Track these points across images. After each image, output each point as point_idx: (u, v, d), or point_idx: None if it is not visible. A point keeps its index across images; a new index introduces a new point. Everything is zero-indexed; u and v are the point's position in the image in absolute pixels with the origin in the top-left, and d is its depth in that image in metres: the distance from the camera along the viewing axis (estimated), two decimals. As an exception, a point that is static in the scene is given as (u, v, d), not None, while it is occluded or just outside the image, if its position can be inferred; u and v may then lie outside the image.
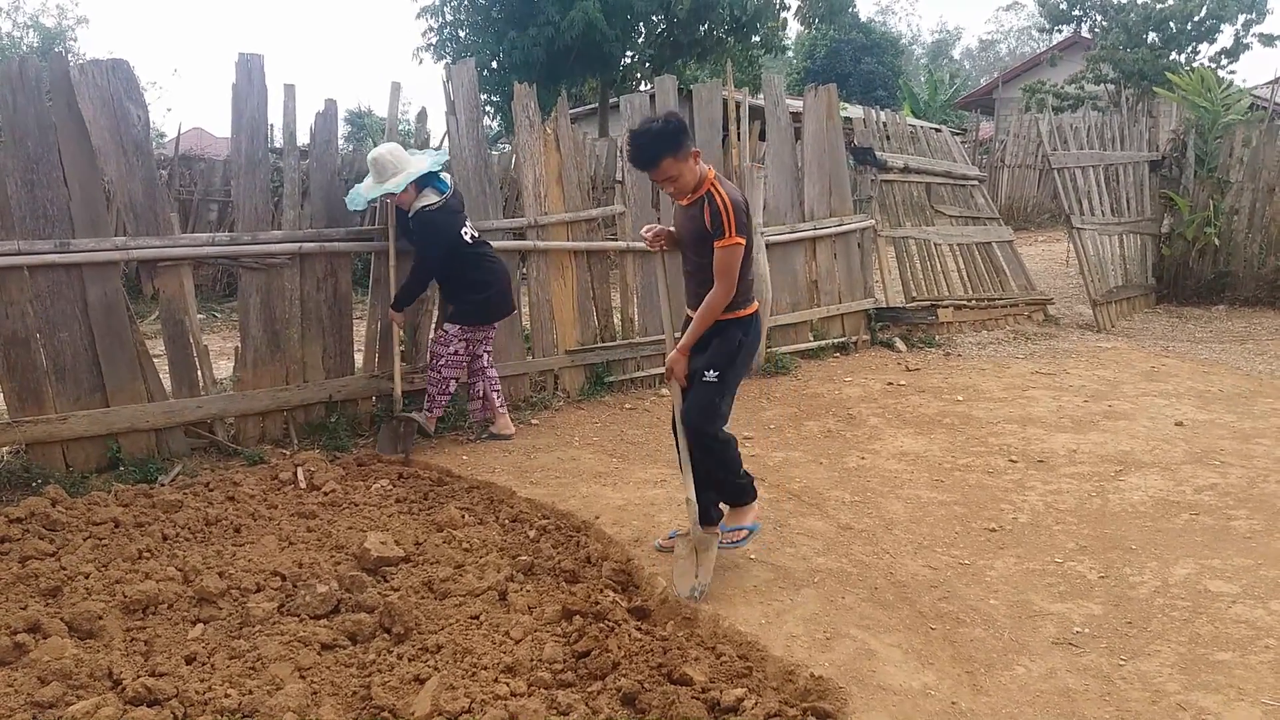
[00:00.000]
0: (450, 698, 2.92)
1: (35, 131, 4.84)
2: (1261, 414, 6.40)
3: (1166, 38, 21.72)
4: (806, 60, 36.42)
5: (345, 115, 38.84)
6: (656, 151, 3.61)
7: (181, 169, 13.58)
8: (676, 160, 3.62)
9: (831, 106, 8.24)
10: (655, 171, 3.67)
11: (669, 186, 3.74)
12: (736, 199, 3.68)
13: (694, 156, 3.67)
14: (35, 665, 3.04)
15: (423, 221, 5.44)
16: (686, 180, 3.69)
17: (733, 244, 3.63)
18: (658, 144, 3.61)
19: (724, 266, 3.68)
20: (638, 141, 3.66)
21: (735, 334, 3.82)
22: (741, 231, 3.64)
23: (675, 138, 3.60)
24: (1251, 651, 3.35)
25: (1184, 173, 10.90)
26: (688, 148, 3.64)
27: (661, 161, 3.61)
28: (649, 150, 3.63)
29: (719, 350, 3.81)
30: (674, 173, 3.64)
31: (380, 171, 5.41)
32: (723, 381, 3.81)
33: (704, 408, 3.83)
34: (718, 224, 3.63)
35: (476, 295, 5.64)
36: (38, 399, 4.95)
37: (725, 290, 3.71)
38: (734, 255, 3.66)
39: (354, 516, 4.54)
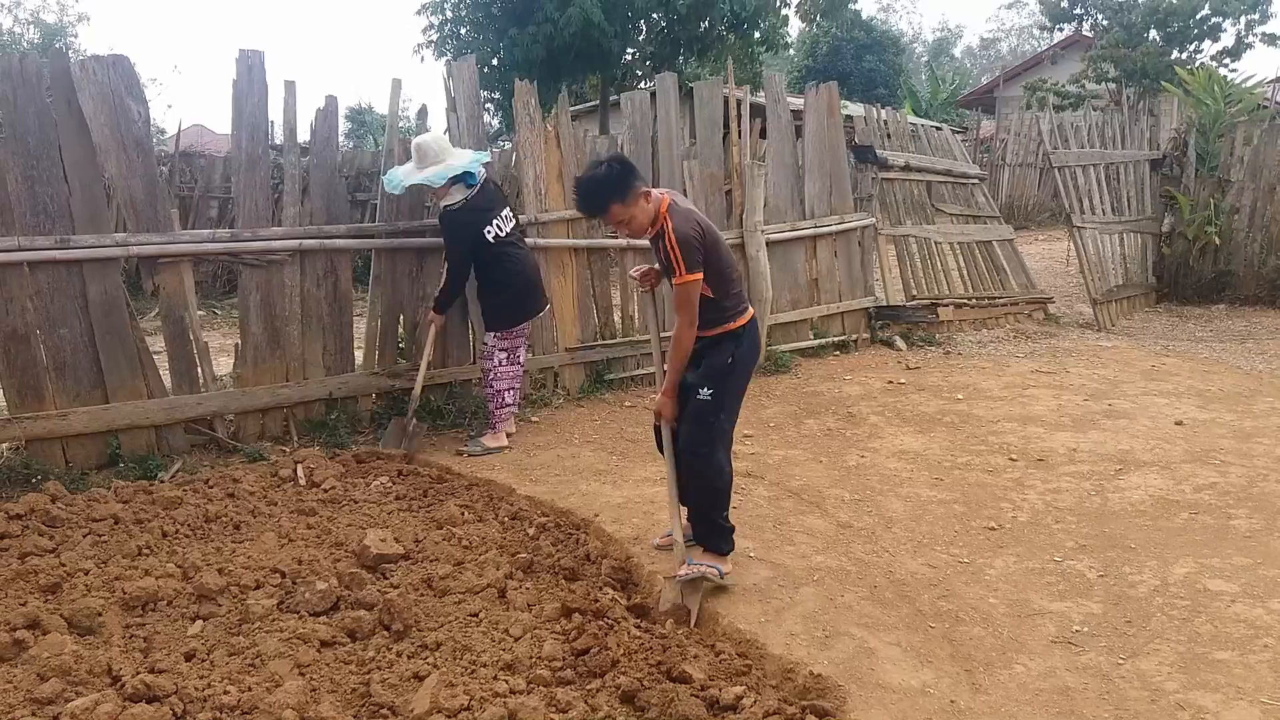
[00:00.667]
0: (449, 695, 2.92)
1: (36, 128, 4.84)
2: (1262, 413, 6.40)
3: (1168, 36, 21.70)
4: (808, 58, 36.36)
5: (346, 112, 38.83)
6: (603, 199, 3.62)
7: (182, 165, 13.60)
8: (625, 206, 3.61)
9: (832, 104, 8.24)
10: (605, 217, 3.69)
11: (623, 230, 3.74)
12: (685, 233, 3.60)
13: (643, 196, 3.64)
14: (34, 662, 3.04)
15: (445, 221, 5.45)
16: (640, 221, 3.67)
17: (684, 282, 3.60)
18: (603, 192, 3.61)
19: (679, 302, 3.67)
20: (583, 190, 3.67)
21: (727, 348, 3.77)
22: (694, 266, 3.59)
23: (620, 182, 3.59)
24: (1251, 650, 3.35)
25: (1185, 172, 10.89)
26: (635, 189, 3.61)
27: (610, 208, 3.62)
28: (595, 199, 3.64)
29: (710, 366, 3.77)
30: (624, 217, 3.64)
31: (422, 158, 5.36)
32: (717, 399, 3.73)
33: (699, 427, 3.75)
34: (668, 262, 3.63)
35: (495, 297, 5.59)
36: (38, 395, 4.95)
37: (686, 324, 3.67)
38: (688, 291, 3.62)
39: (353, 514, 4.54)
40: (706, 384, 3.74)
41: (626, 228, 3.70)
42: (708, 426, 3.76)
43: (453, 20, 21.34)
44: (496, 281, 5.56)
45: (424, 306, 6.06)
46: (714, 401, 3.73)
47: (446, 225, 5.44)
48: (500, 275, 5.54)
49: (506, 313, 5.62)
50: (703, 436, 3.76)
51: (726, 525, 3.87)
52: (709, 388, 3.73)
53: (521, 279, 5.63)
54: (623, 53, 21.21)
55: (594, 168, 3.70)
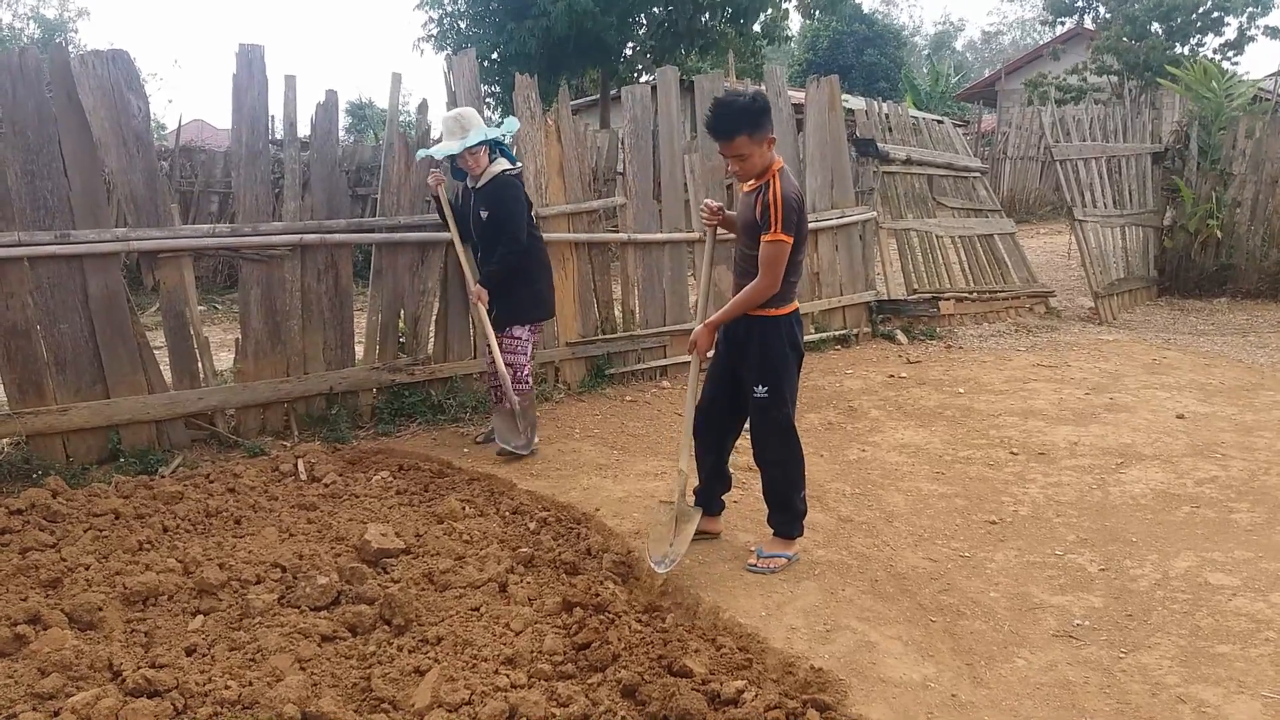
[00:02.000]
0: (450, 689, 2.92)
1: (35, 122, 4.83)
2: (1263, 407, 6.39)
3: (1170, 29, 21.66)
4: (808, 51, 36.34)
5: (346, 106, 38.82)
6: (735, 125, 3.53)
7: (182, 160, 13.59)
8: (751, 140, 3.54)
9: (834, 98, 8.22)
10: (728, 145, 3.58)
11: (735, 165, 3.65)
12: (791, 195, 3.59)
13: (769, 143, 3.59)
14: (35, 656, 3.05)
15: (504, 185, 5.13)
16: (754, 163, 3.61)
17: (777, 240, 3.56)
18: (739, 118, 3.53)
19: (767, 260, 3.61)
20: (720, 111, 3.56)
21: (773, 342, 3.74)
22: (789, 229, 3.56)
23: (757, 117, 3.53)
24: (1252, 644, 3.35)
25: (1187, 165, 10.87)
26: (766, 131, 3.57)
27: (737, 137, 3.54)
28: (729, 121, 3.54)
29: (764, 361, 3.75)
30: (746, 151, 3.56)
31: (463, 127, 5.08)
32: (775, 393, 3.75)
33: (765, 423, 3.79)
34: (765, 217, 3.57)
35: (531, 285, 5.32)
36: (38, 390, 4.95)
37: (767, 284, 3.63)
38: (777, 251, 3.58)
39: (354, 508, 4.54)
40: (761, 380, 3.75)
41: (740, 164, 3.62)
42: (773, 420, 3.80)
43: (452, 14, 21.34)
44: (531, 268, 5.30)
45: (424, 301, 6.06)
46: (772, 398, 3.76)
47: (508, 191, 5.12)
48: (535, 262, 5.34)
49: (542, 301, 5.44)
50: (772, 431, 3.81)
51: (803, 507, 3.94)
52: (764, 384, 3.75)
53: (550, 270, 5.54)
54: (623, 47, 21.20)
55: (736, 95, 3.62)
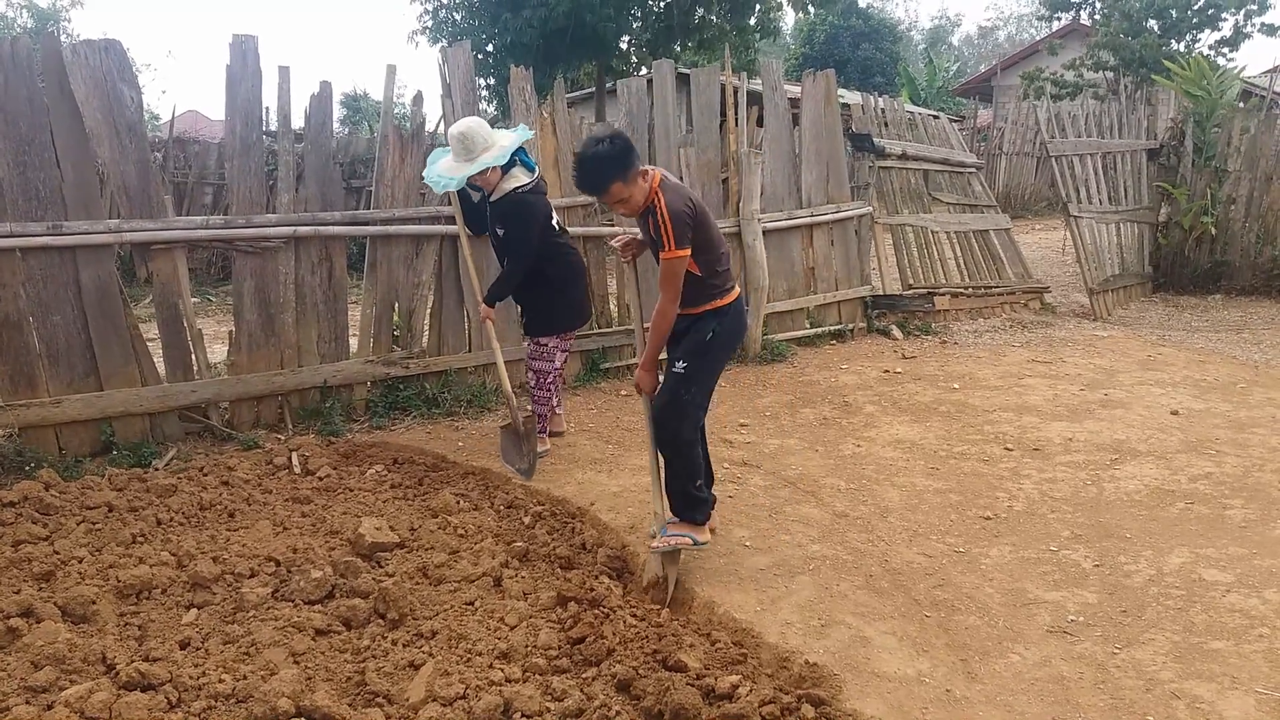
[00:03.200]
0: (445, 683, 2.92)
1: (27, 112, 4.80)
2: (1257, 403, 6.41)
3: (1167, 25, 21.68)
4: (804, 46, 36.30)
5: (340, 98, 38.70)
6: (606, 178, 3.52)
7: (176, 151, 13.52)
8: (625, 184, 3.53)
9: (829, 92, 8.21)
10: (606, 196, 3.59)
11: (620, 209, 3.65)
12: (676, 208, 3.54)
13: (640, 175, 3.58)
14: (28, 650, 3.03)
15: (517, 204, 4.91)
16: (636, 200, 3.60)
17: (672, 257, 3.55)
18: (605, 168, 3.50)
19: (665, 277, 3.61)
20: (585, 168, 3.54)
21: (709, 325, 3.76)
22: (682, 243, 3.54)
23: (622, 160, 3.50)
24: (1245, 640, 3.36)
25: (1182, 161, 10.88)
26: (635, 167, 3.54)
27: (611, 186, 3.53)
28: (596, 177, 3.53)
29: (690, 341, 3.77)
30: (624, 195, 3.56)
31: (469, 148, 4.81)
32: (690, 373, 3.72)
33: (669, 399, 3.75)
34: (658, 236, 3.55)
35: (562, 294, 5.13)
36: (30, 382, 4.93)
37: (669, 300, 3.63)
38: (673, 267, 3.57)
39: (349, 502, 4.53)
40: (683, 358, 3.75)
41: (624, 207, 3.62)
42: (677, 399, 3.75)
43: (447, 6, 21.26)
44: (557, 276, 5.09)
45: (419, 294, 6.04)
46: (686, 375, 3.73)
47: (520, 209, 4.90)
48: (566, 269, 5.15)
49: (572, 310, 5.24)
50: (671, 408, 3.75)
51: (698, 495, 3.85)
52: (684, 361, 3.74)
53: (583, 273, 5.39)
54: (619, 40, 21.14)
55: (594, 144, 3.55)
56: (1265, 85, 16.62)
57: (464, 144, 4.82)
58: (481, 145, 4.82)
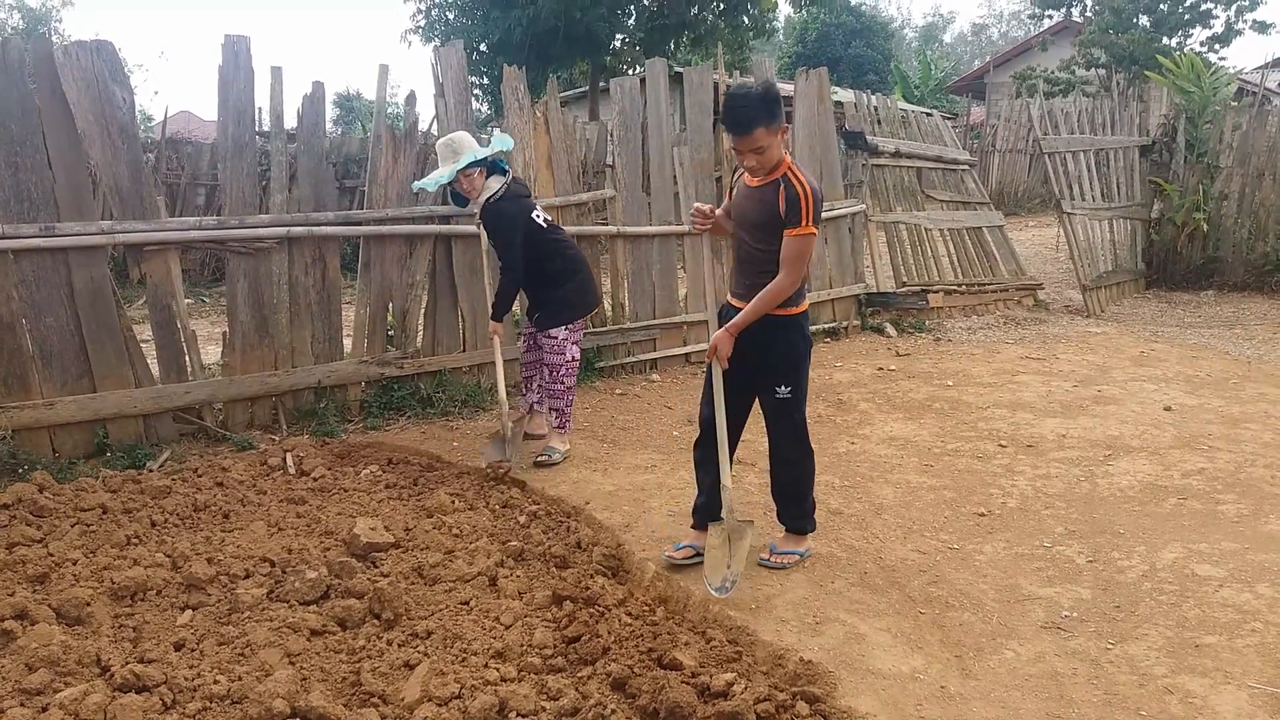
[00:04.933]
0: (440, 683, 2.92)
1: (18, 114, 4.79)
2: (1249, 399, 6.43)
3: (1157, 21, 21.73)
4: (797, 44, 36.34)
5: (333, 98, 38.66)
6: (753, 117, 3.37)
7: (169, 152, 13.48)
8: (768, 131, 3.39)
9: (822, 90, 8.22)
10: (745, 139, 3.41)
11: (751, 159, 3.48)
12: (817, 189, 3.50)
13: (783, 133, 3.47)
14: (23, 652, 3.02)
15: (492, 214, 5.00)
16: (771, 155, 3.46)
17: (808, 234, 3.47)
18: (756, 109, 3.37)
19: (795, 255, 3.49)
20: (737, 104, 3.40)
21: (796, 341, 3.70)
22: (817, 222, 3.49)
23: (772, 106, 3.39)
24: (1238, 635, 3.37)
25: (1174, 158, 10.91)
26: (781, 121, 3.43)
27: (756, 129, 3.38)
28: (746, 114, 3.38)
29: (785, 361, 3.70)
30: (765, 142, 3.41)
31: (457, 152, 4.93)
32: (797, 396, 3.75)
33: (790, 425, 3.79)
34: (795, 211, 3.44)
35: (560, 287, 5.16)
36: (24, 384, 4.91)
37: (792, 280, 3.53)
38: (807, 246, 3.50)
39: (343, 502, 4.53)
40: (783, 381, 3.71)
41: (757, 158, 3.45)
42: (796, 424, 3.80)
43: (440, 5, 21.25)
44: (560, 271, 5.15)
45: (413, 294, 6.03)
46: (794, 397, 3.75)
47: (494, 218, 5.00)
48: (562, 264, 5.18)
49: (577, 299, 5.26)
50: (796, 435, 3.82)
51: (811, 504, 3.97)
52: (787, 384, 3.71)
53: (586, 267, 5.42)
54: (612, 38, 21.15)
55: (747, 86, 3.47)
56: (1257, 82, 16.67)
57: (450, 148, 4.98)
58: (463, 151, 4.95)
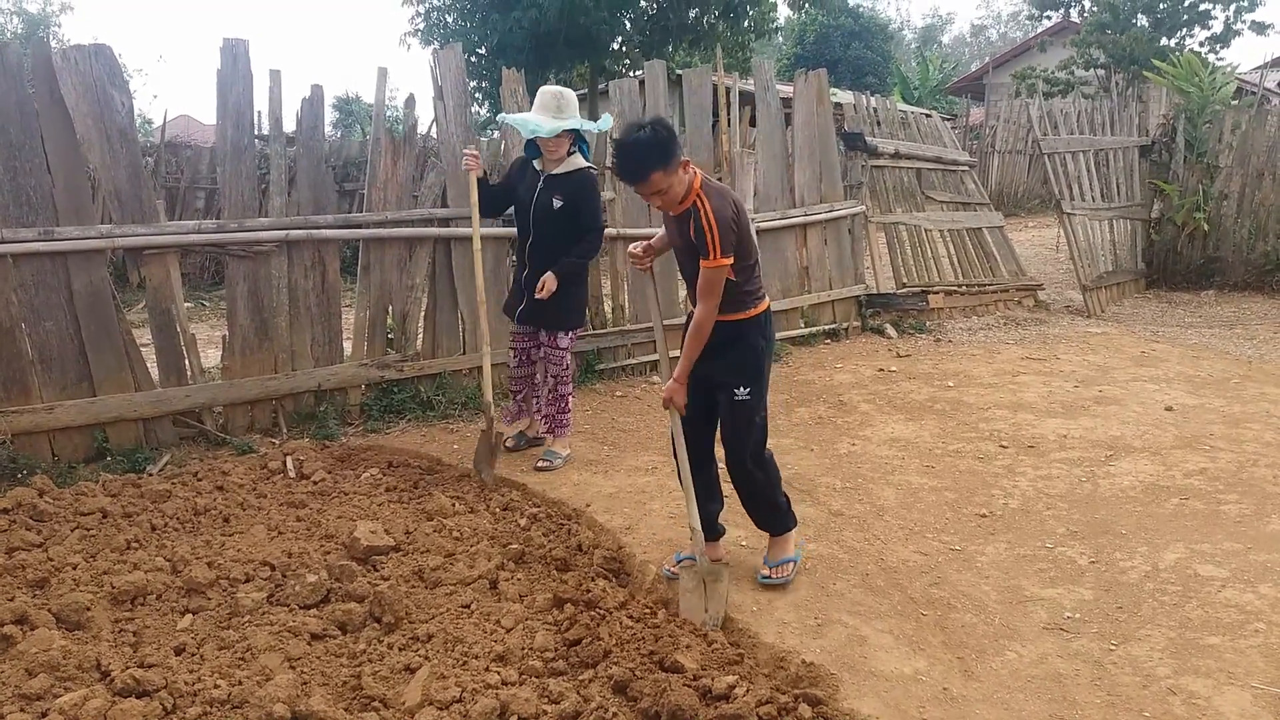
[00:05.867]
0: (441, 687, 2.91)
1: (17, 118, 4.78)
2: (1250, 398, 6.42)
3: (1156, 21, 21.74)
4: (796, 46, 36.35)
5: (332, 101, 38.64)
6: (647, 165, 3.30)
7: (168, 156, 13.49)
8: (666, 173, 3.32)
9: (822, 92, 8.22)
10: (644, 186, 3.36)
11: (656, 200, 3.43)
12: (724, 215, 3.38)
13: (683, 165, 3.38)
14: (23, 657, 3.02)
15: (590, 179, 4.91)
16: (675, 192, 3.39)
17: (717, 265, 3.38)
18: (647, 156, 3.29)
19: (707, 286, 3.44)
20: (625, 154, 3.35)
21: (754, 339, 3.60)
22: (727, 251, 3.38)
23: (664, 148, 3.29)
24: (1241, 635, 3.36)
25: (1174, 158, 10.91)
26: (678, 157, 3.34)
27: (651, 175, 3.31)
28: (636, 163, 3.32)
29: (743, 361, 3.58)
30: (663, 186, 3.34)
31: (561, 107, 4.77)
32: (755, 397, 3.59)
33: (748, 430, 3.62)
34: (702, 243, 3.38)
35: (580, 288, 5.11)
36: (23, 389, 4.91)
37: (711, 309, 3.47)
38: (716, 276, 3.42)
39: (343, 505, 4.52)
40: (742, 382, 3.56)
41: (661, 199, 3.40)
42: (756, 427, 3.65)
43: (439, 8, 21.23)
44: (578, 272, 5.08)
45: (413, 297, 6.02)
46: (754, 399, 3.59)
47: (592, 185, 4.92)
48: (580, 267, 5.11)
49: (584, 304, 5.18)
50: (754, 438, 3.66)
51: (784, 501, 3.82)
52: (745, 386, 3.56)
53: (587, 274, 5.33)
54: (611, 40, 21.13)
55: (635, 129, 3.35)
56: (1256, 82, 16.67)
57: (558, 101, 4.79)
58: (570, 111, 4.82)
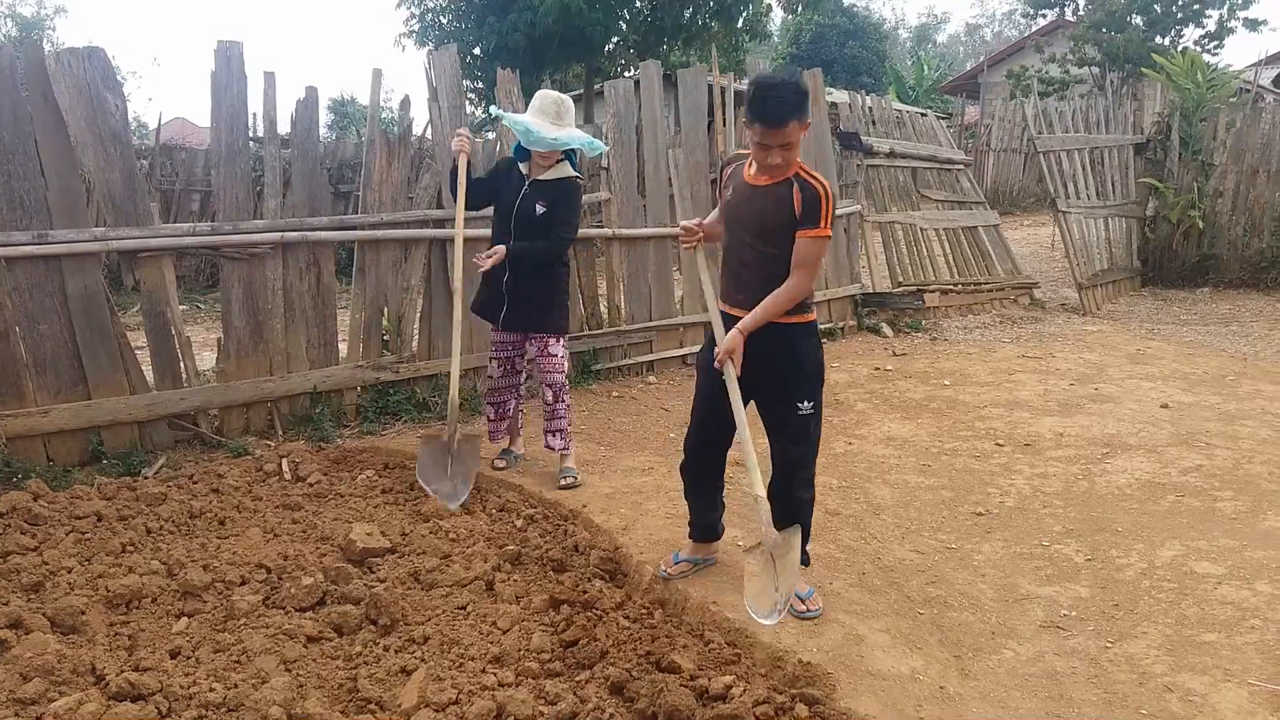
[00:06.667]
0: (437, 689, 2.91)
1: (11, 121, 4.77)
2: (1246, 395, 6.43)
3: (1151, 20, 21.78)
4: (791, 45, 36.36)
5: (327, 103, 38.65)
6: (789, 109, 3.13)
7: (163, 159, 13.47)
8: (801, 125, 3.17)
9: (816, 91, 8.21)
10: (778, 133, 3.16)
11: (776, 156, 3.22)
12: (833, 188, 3.33)
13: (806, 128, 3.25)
14: (17, 661, 3.00)
15: (575, 189, 4.80)
16: (794, 155, 3.25)
17: (824, 236, 3.27)
18: (792, 100, 3.13)
19: (810, 258, 3.28)
20: (771, 94, 3.13)
21: (813, 345, 3.45)
22: (831, 225, 3.30)
23: (805, 100, 3.17)
24: (1237, 632, 3.36)
25: (1168, 156, 10.93)
26: (809, 116, 3.23)
27: (790, 122, 3.14)
28: (782, 106, 3.12)
29: (805, 372, 3.41)
30: (794, 139, 3.20)
31: (561, 115, 4.64)
32: (817, 409, 3.45)
33: (808, 444, 3.48)
34: (813, 213, 3.23)
35: (565, 295, 4.99)
36: (18, 392, 4.89)
37: (805, 284, 3.32)
38: (822, 249, 3.30)
39: (339, 508, 4.51)
40: (807, 395, 3.41)
41: (781, 154, 3.21)
42: (814, 441, 3.52)
43: (434, 9, 21.26)
44: (564, 276, 5.02)
45: (408, 298, 6.02)
46: (816, 413, 3.45)
47: (576, 194, 4.80)
48: (565, 270, 5.06)
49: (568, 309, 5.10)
50: (811, 453, 3.52)
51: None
52: (809, 400, 3.41)
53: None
54: (606, 41, 21.16)
55: (778, 76, 3.22)
56: (1250, 79, 16.70)
57: (559, 109, 4.66)
58: (569, 119, 4.70)
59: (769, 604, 3.16)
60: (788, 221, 3.28)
